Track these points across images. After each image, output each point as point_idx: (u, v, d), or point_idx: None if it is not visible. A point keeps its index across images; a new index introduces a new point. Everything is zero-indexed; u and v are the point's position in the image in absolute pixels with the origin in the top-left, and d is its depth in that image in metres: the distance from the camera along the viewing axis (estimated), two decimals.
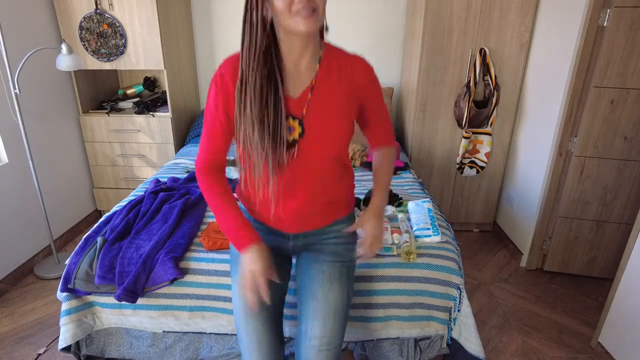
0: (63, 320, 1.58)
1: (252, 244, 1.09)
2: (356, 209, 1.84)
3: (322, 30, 1.10)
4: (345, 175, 1.21)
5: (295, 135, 1.07)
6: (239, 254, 1.16)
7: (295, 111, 1.07)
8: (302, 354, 1.18)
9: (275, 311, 1.23)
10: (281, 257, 1.26)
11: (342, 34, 3.10)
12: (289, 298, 1.51)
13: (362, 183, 2.31)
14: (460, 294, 1.58)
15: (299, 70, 1.08)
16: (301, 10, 0.94)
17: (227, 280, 1.58)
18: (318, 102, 1.08)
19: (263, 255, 1.09)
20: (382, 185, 1.23)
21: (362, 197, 2.07)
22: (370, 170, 2.52)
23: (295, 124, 1.06)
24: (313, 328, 1.16)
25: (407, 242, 1.63)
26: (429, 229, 1.74)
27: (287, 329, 1.58)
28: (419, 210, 1.85)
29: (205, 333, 1.65)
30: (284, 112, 1.04)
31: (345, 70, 1.11)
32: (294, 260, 1.38)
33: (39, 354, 1.84)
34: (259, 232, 1.20)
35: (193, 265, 1.59)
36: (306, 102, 1.08)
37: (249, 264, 1.08)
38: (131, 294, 1.49)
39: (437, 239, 1.71)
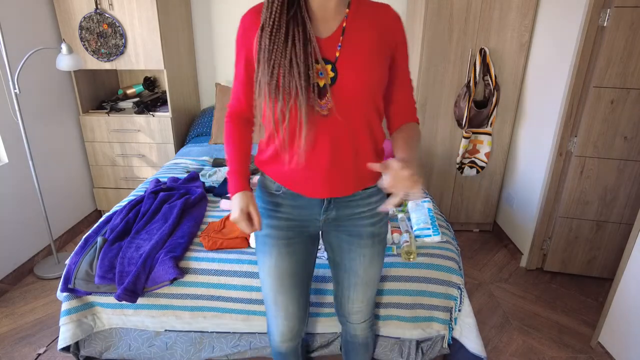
0: (63, 320, 1.58)
1: (238, 191, 1.11)
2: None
3: None
4: (377, 137, 1.11)
5: (327, 79, 0.99)
6: (260, 237, 1.20)
7: (327, 53, 1.00)
8: (346, 310, 1.32)
9: (303, 289, 1.27)
10: (309, 238, 1.23)
11: None
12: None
13: None
14: (460, 294, 1.58)
15: (327, 13, 1.01)
16: None
17: (227, 280, 1.57)
18: (350, 45, 1.01)
19: (244, 202, 1.09)
20: (410, 144, 1.07)
21: None
22: None
23: (328, 67, 0.99)
24: (356, 294, 1.26)
25: (407, 242, 1.63)
26: (429, 228, 1.74)
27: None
28: (419, 210, 1.85)
29: (207, 332, 1.65)
30: (317, 50, 0.97)
31: (377, 14, 1.05)
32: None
33: (39, 354, 1.84)
34: (292, 208, 1.15)
35: (193, 265, 1.59)
36: (338, 44, 1.00)
37: (232, 211, 1.10)
38: (131, 294, 1.49)
39: (437, 238, 1.71)
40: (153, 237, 1.68)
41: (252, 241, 1.65)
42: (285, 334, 1.29)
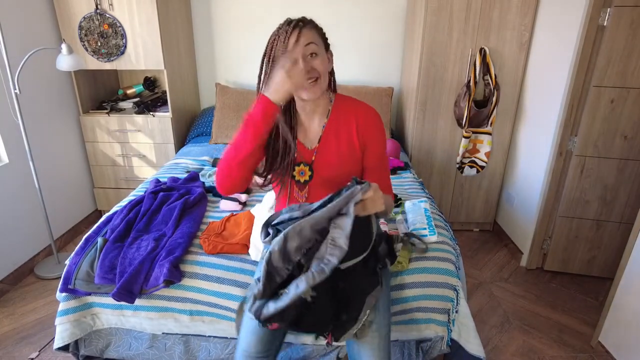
0: (60, 319, 1.57)
1: (262, 98, 1.11)
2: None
3: (334, 85, 1.31)
4: None
5: (306, 177, 1.30)
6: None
7: (308, 159, 1.29)
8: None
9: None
10: None
11: (342, 34, 3.10)
12: None
13: None
14: (457, 295, 1.57)
15: (312, 124, 1.29)
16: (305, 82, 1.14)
17: (228, 289, 1.55)
18: (324, 150, 1.28)
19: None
20: None
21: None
22: None
23: (306, 169, 1.29)
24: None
25: (398, 251, 1.60)
26: (425, 228, 1.73)
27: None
28: (415, 210, 1.84)
29: (205, 336, 1.65)
30: (295, 158, 1.27)
31: (349, 116, 1.27)
32: None
33: (32, 359, 1.83)
34: None
35: (195, 269, 1.58)
36: (314, 151, 1.28)
37: (284, 76, 1.08)
38: (127, 293, 1.48)
39: (433, 238, 1.70)
40: (154, 237, 1.68)
41: (252, 250, 1.64)
42: (253, 344, 1.24)
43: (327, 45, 1.23)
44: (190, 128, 3.09)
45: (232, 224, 1.79)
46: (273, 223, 1.15)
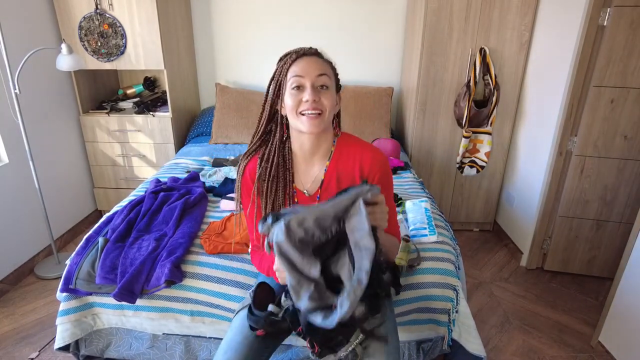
0: (60, 319, 1.57)
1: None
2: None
3: (339, 123, 1.23)
4: None
5: None
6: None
7: (307, 203, 1.19)
8: None
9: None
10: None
11: (342, 34, 3.10)
12: None
13: None
14: (457, 295, 1.57)
15: (311, 168, 1.20)
16: (307, 111, 1.07)
17: (228, 290, 1.55)
18: (328, 197, 1.14)
19: None
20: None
21: None
22: None
23: None
24: None
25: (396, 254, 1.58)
26: (425, 228, 1.73)
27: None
28: (416, 210, 1.85)
29: (205, 337, 1.65)
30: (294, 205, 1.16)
31: (353, 159, 1.18)
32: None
33: (32, 359, 1.83)
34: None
35: (196, 269, 1.58)
36: (317, 196, 1.19)
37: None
38: (128, 293, 1.48)
39: (433, 238, 1.70)
40: (154, 237, 1.68)
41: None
42: None
43: (338, 87, 1.18)
44: (190, 128, 3.09)
45: (232, 224, 1.79)
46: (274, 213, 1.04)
